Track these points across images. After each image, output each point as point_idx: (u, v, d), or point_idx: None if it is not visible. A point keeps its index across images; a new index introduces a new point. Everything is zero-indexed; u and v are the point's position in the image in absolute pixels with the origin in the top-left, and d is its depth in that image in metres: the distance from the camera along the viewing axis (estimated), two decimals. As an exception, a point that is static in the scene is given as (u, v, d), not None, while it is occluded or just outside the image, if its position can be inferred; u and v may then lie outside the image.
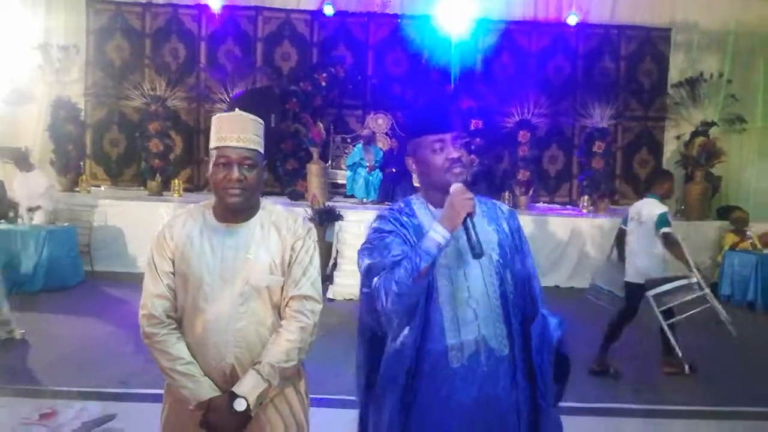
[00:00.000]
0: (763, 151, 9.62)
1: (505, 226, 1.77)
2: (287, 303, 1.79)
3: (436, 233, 1.58)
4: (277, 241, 1.79)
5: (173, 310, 1.77)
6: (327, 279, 7.17)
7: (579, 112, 9.56)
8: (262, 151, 1.79)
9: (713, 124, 8.93)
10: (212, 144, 1.77)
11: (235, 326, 1.73)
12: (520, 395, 1.69)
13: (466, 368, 1.65)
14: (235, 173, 1.71)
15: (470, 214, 1.58)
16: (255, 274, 1.75)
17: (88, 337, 4.95)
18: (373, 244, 1.69)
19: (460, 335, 1.66)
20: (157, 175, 8.81)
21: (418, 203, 1.78)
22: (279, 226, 1.81)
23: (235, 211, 1.77)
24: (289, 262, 1.79)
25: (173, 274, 1.77)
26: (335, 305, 6.54)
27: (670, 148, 10.05)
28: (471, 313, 1.67)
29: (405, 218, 1.73)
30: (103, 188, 9.41)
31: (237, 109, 1.80)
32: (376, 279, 1.62)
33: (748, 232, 7.60)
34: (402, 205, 1.80)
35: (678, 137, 9.44)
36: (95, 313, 5.64)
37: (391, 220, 1.73)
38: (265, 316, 1.77)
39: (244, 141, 1.73)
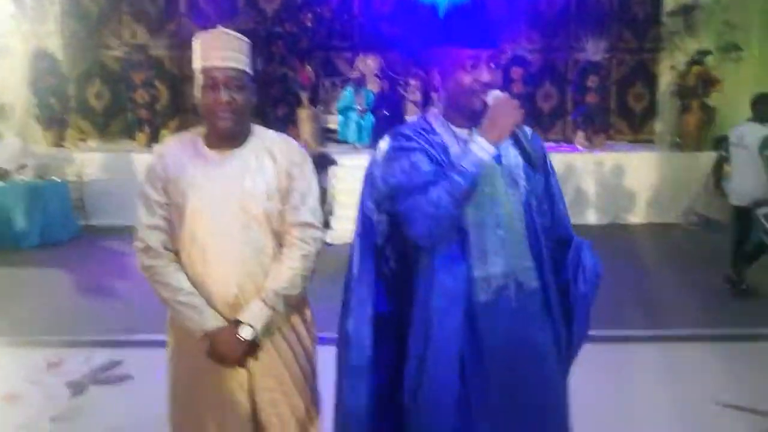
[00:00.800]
0: (758, 80, 9.45)
1: (529, 149, 1.53)
2: (288, 230, 1.74)
3: (481, 149, 1.41)
4: (273, 167, 1.72)
5: (170, 242, 1.72)
6: (324, 224, 7.14)
7: (572, 46, 9.35)
8: (250, 71, 1.70)
9: (709, 52, 8.75)
10: (196, 64, 1.66)
11: (236, 255, 1.68)
12: (557, 333, 1.60)
13: (493, 303, 1.53)
14: (224, 96, 1.62)
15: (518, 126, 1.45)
16: (252, 201, 1.69)
17: (89, 288, 4.95)
18: (398, 162, 1.49)
19: (487, 267, 1.53)
20: (146, 126, 8.63)
21: (437, 121, 1.59)
22: (273, 151, 1.74)
23: (226, 137, 1.69)
24: (288, 189, 1.73)
25: (168, 204, 1.71)
26: (334, 250, 6.51)
27: (665, 80, 9.87)
28: (498, 242, 1.54)
29: (427, 135, 1.55)
30: (90, 143, 9.22)
31: (219, 26, 1.69)
32: (405, 200, 1.45)
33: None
34: (420, 121, 1.61)
35: (673, 67, 9.27)
36: (94, 265, 5.63)
37: (414, 135, 1.53)
38: (265, 244, 1.72)
39: (231, 60, 1.63)
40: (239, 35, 1.68)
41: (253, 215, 1.69)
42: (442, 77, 1.54)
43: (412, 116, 9.46)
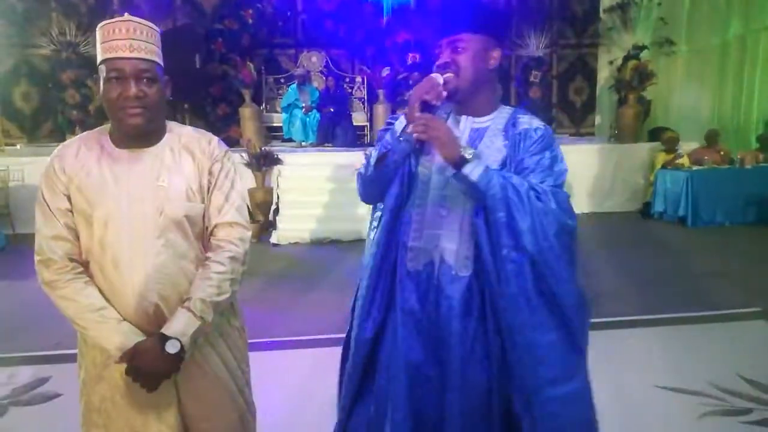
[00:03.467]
0: (689, 74, 9.87)
1: (518, 145, 1.57)
2: (211, 232, 1.60)
3: (398, 121, 1.54)
4: (192, 165, 1.57)
5: (76, 252, 1.54)
6: (270, 225, 6.98)
7: (515, 42, 9.47)
8: (161, 62, 1.53)
9: (644, 47, 9.05)
10: (100, 57, 1.48)
11: (154, 261, 1.52)
12: (479, 328, 1.55)
13: (419, 274, 1.61)
14: (132, 89, 1.45)
15: (429, 105, 1.48)
16: (170, 202, 1.53)
17: (15, 301, 4.63)
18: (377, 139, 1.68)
19: (421, 240, 1.61)
20: (77, 128, 8.20)
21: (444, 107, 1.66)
22: (191, 148, 1.59)
23: (137, 135, 1.52)
24: (208, 188, 1.59)
25: (71, 211, 1.52)
26: (280, 250, 6.40)
27: (603, 75, 10.18)
28: (439, 220, 1.60)
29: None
30: (18, 146, 8.70)
31: (126, 14, 1.53)
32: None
33: (678, 151, 7.87)
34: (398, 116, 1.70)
35: (611, 62, 9.54)
36: (21, 276, 5.25)
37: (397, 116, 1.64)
38: (187, 249, 1.57)
39: (139, 50, 1.46)
40: (148, 23, 1.52)
41: (171, 218, 1.53)
42: None
43: (358, 113, 9.38)
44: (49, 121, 8.94)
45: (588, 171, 8.23)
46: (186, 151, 1.59)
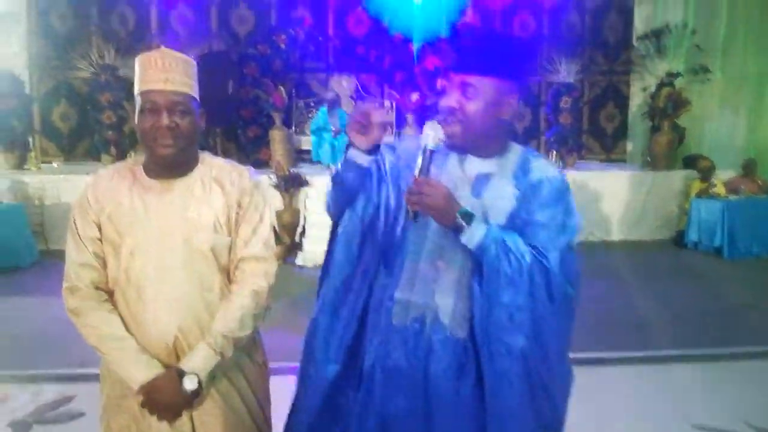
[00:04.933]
0: (724, 101, 9.68)
1: (530, 198, 1.42)
2: (237, 265, 1.59)
3: (350, 154, 1.46)
4: (221, 198, 1.57)
5: (103, 281, 1.55)
6: (296, 246, 7.00)
7: (545, 68, 9.44)
8: (195, 95, 1.55)
9: (678, 74, 8.91)
10: (136, 88, 1.52)
11: (177, 293, 1.52)
12: (475, 393, 1.42)
13: (406, 329, 1.47)
14: (165, 120, 1.48)
15: (422, 165, 1.35)
16: (197, 234, 1.54)
17: (43, 318, 4.70)
18: None
19: (412, 293, 1.46)
20: (112, 147, 8.42)
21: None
22: (222, 181, 1.59)
23: (168, 165, 1.54)
24: (236, 221, 1.58)
25: (100, 240, 1.54)
26: (304, 272, 6.40)
27: (636, 101, 10.04)
28: (433, 273, 1.45)
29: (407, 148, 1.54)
30: (55, 164, 8.96)
31: (162, 47, 1.57)
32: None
33: (713, 180, 7.67)
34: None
35: (644, 89, 9.42)
36: (51, 292, 5.30)
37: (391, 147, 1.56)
38: (211, 281, 1.56)
39: (174, 83, 1.49)
40: (184, 56, 1.55)
41: (198, 249, 1.54)
42: None
43: (387, 136, 9.43)
44: (85, 140, 9.19)
45: (619, 198, 8.07)
46: (216, 183, 1.59)
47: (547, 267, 1.36)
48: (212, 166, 1.62)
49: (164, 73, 1.49)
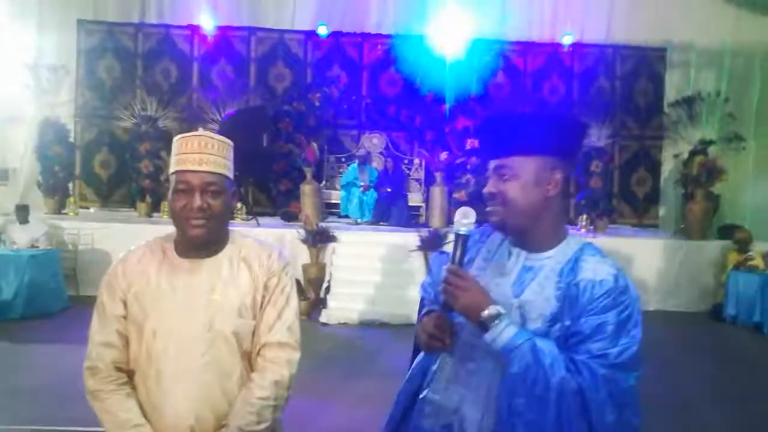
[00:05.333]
0: (759, 169, 9.55)
1: (574, 301, 1.26)
2: (259, 351, 1.54)
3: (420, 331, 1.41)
4: (248, 279, 1.55)
5: (124, 361, 1.53)
6: (320, 302, 6.96)
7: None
8: (230, 175, 1.56)
9: (712, 142, 8.85)
10: (172, 168, 1.53)
11: (197, 380, 1.48)
12: None
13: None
14: (197, 201, 1.47)
15: (454, 253, 1.33)
16: (221, 317, 1.50)
17: (68, 368, 4.68)
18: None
19: (444, 394, 1.38)
20: (147, 196, 8.63)
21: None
22: (250, 261, 1.57)
23: (198, 245, 1.53)
24: (262, 304, 1.55)
25: (125, 318, 1.53)
26: (328, 330, 6.32)
27: (668, 167, 9.97)
28: (464, 375, 1.36)
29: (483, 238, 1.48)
30: (92, 210, 9.20)
31: (201, 129, 1.60)
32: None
33: (750, 252, 7.44)
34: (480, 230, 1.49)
35: (676, 156, 9.35)
36: (79, 341, 5.34)
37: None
38: (232, 368, 1.52)
39: (208, 164, 1.49)
40: (221, 137, 1.56)
41: (221, 333, 1.50)
42: None
43: (414, 193, 9.47)
44: (122, 187, 9.46)
45: (652, 265, 7.88)
46: (244, 264, 1.57)
47: (582, 387, 1.19)
48: (242, 245, 1.60)
49: (199, 154, 1.49)
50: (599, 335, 1.22)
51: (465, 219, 1.34)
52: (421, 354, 1.51)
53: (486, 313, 1.25)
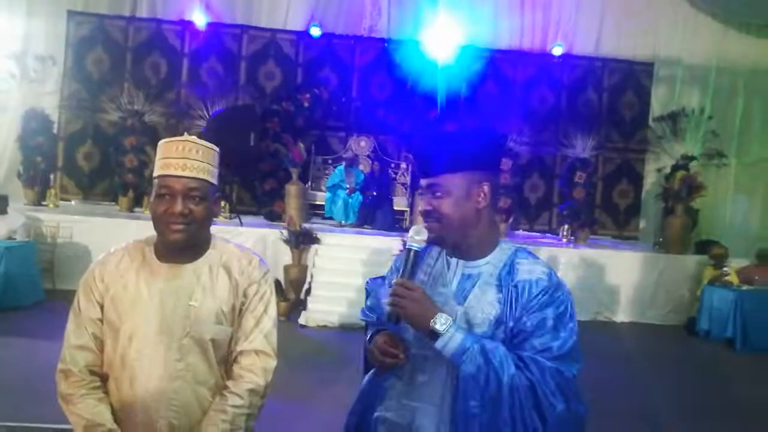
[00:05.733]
0: (739, 187, 9.71)
1: (514, 303, 1.34)
2: (235, 358, 1.55)
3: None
4: (227, 286, 1.55)
5: (98, 364, 1.53)
6: (300, 304, 6.95)
7: (561, 142, 9.57)
8: (214, 181, 1.55)
9: (694, 158, 8.97)
10: (155, 172, 1.53)
11: (170, 386, 1.48)
12: None
13: None
14: (179, 206, 1.47)
15: (405, 267, 1.38)
16: (198, 324, 1.50)
17: (40, 364, 4.64)
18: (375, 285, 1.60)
19: (395, 410, 1.39)
20: (130, 190, 8.57)
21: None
22: (230, 268, 1.57)
23: (178, 250, 1.53)
24: (240, 310, 1.56)
25: (101, 321, 1.53)
26: (307, 332, 6.32)
27: (650, 180, 10.10)
28: (413, 390, 1.38)
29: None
30: (73, 202, 9.12)
31: (186, 134, 1.59)
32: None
33: (725, 268, 7.55)
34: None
35: (659, 170, 9.48)
36: (52, 335, 5.27)
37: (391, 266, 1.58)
38: (207, 375, 1.52)
39: (191, 169, 1.49)
40: (206, 143, 1.56)
41: (197, 340, 1.51)
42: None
43: (399, 197, 9.50)
44: (105, 181, 9.37)
45: (630, 278, 7.98)
46: (224, 270, 1.57)
47: (532, 381, 1.25)
48: (223, 251, 1.60)
49: (183, 159, 1.49)
50: (541, 331, 1.29)
51: (417, 236, 1.38)
52: (370, 374, 1.53)
53: (434, 320, 1.29)
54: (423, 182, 1.41)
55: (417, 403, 1.37)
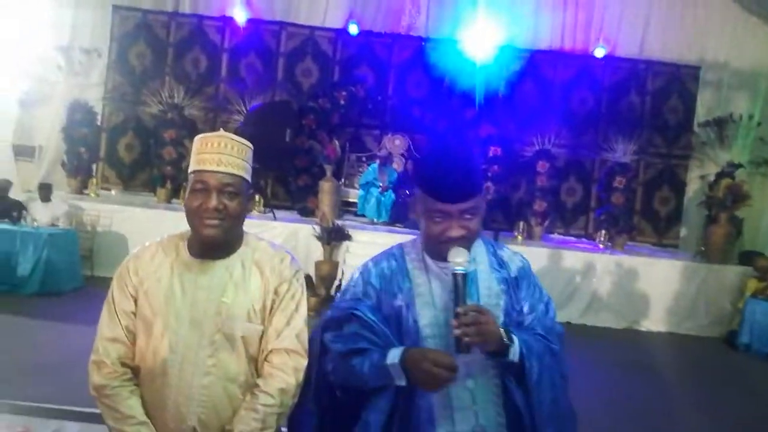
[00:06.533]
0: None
1: (516, 291, 1.53)
2: (266, 357, 1.53)
3: (394, 373, 1.36)
4: (259, 284, 1.55)
5: (130, 357, 1.54)
6: (330, 300, 6.96)
7: (601, 146, 9.36)
8: (248, 177, 1.55)
9: (740, 166, 8.65)
10: (191, 167, 1.54)
11: (201, 382, 1.48)
12: None
13: None
14: (213, 201, 1.47)
15: (458, 293, 1.36)
16: (229, 320, 1.50)
17: (77, 348, 4.76)
18: (343, 302, 1.54)
19: (454, 424, 1.41)
20: (168, 182, 8.74)
21: (413, 253, 1.56)
22: (262, 265, 1.57)
23: (211, 246, 1.53)
24: (271, 309, 1.55)
25: (134, 314, 1.53)
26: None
27: (693, 187, 9.78)
28: (467, 395, 1.43)
29: (388, 277, 1.53)
30: (113, 192, 9.35)
31: (222, 130, 1.59)
32: (329, 345, 1.49)
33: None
34: (396, 253, 1.58)
35: (702, 177, 9.18)
36: (89, 321, 5.42)
37: (372, 281, 1.53)
38: (237, 371, 1.52)
39: (226, 165, 1.49)
40: (241, 139, 1.56)
41: (229, 337, 1.50)
42: (417, 215, 1.51)
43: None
44: (144, 172, 9.58)
45: (669, 287, 7.74)
46: (256, 268, 1.57)
47: (556, 351, 1.47)
48: (255, 248, 1.59)
49: (218, 154, 1.49)
50: (540, 307, 1.53)
51: (459, 258, 1.39)
52: (374, 398, 1.46)
53: (506, 337, 1.38)
54: (452, 209, 1.41)
55: (475, 407, 1.43)
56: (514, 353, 1.38)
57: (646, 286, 7.74)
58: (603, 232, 8.73)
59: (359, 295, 1.52)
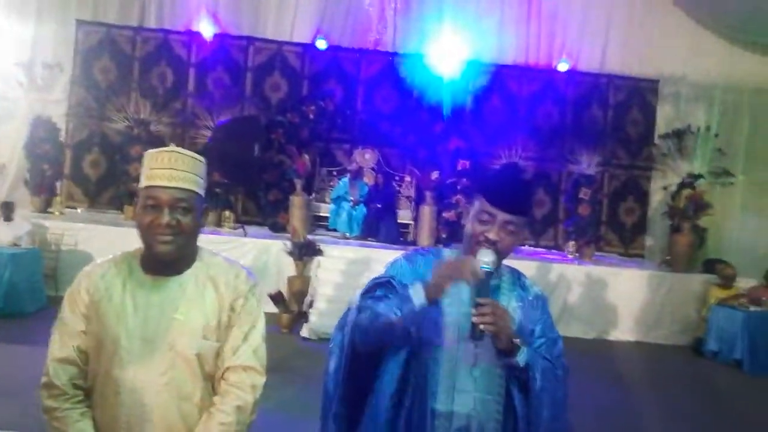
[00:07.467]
0: (745, 205, 9.66)
1: (531, 311, 1.64)
2: (223, 374, 1.50)
3: (415, 296, 1.46)
4: (214, 299, 1.52)
5: (81, 377, 1.49)
6: (302, 316, 6.91)
7: (566, 158, 9.55)
8: (201, 192, 1.53)
9: (700, 176, 8.93)
10: (142, 183, 1.50)
11: (154, 401, 1.44)
12: None
13: None
14: (165, 217, 1.44)
15: (481, 287, 1.45)
16: (183, 338, 1.47)
17: (40, 369, 4.61)
18: (377, 278, 1.66)
19: (453, 403, 1.53)
20: (135, 199, 8.56)
21: (450, 254, 1.68)
22: (217, 281, 1.54)
23: (164, 262, 1.50)
24: (227, 325, 1.52)
25: (86, 333, 1.49)
26: (309, 344, 6.25)
27: (656, 198, 10.05)
28: (471, 381, 1.55)
29: (421, 265, 1.64)
30: (79, 210, 9.12)
31: (173, 144, 1.58)
32: (360, 303, 1.60)
33: (735, 287, 7.46)
34: (433, 251, 1.73)
35: (665, 188, 9.44)
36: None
37: (402, 263, 1.67)
38: (192, 390, 1.48)
39: (178, 180, 1.46)
40: (192, 153, 1.54)
41: (182, 354, 1.47)
42: (469, 213, 1.65)
43: (404, 210, 9.48)
44: (110, 189, 9.38)
45: (637, 297, 7.90)
46: (211, 283, 1.54)
47: (559, 377, 1.58)
48: (210, 264, 1.57)
49: (169, 170, 1.46)
50: (551, 336, 1.63)
51: (487, 258, 1.50)
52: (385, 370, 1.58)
53: (517, 339, 1.50)
54: (500, 215, 1.54)
55: (475, 394, 1.54)
56: (522, 357, 1.49)
57: (614, 296, 7.89)
58: (571, 243, 8.90)
59: (390, 274, 1.66)
